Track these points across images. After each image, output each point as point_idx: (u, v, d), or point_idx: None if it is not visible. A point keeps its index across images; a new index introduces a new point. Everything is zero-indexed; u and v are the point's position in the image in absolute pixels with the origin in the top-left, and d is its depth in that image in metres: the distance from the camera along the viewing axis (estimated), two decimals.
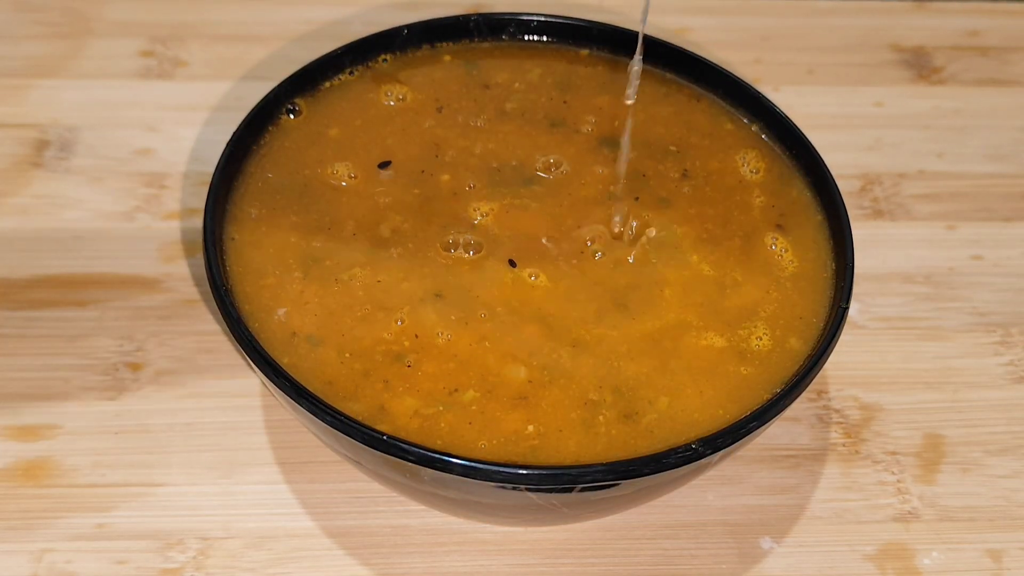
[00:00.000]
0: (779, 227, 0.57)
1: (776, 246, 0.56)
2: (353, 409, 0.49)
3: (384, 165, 0.59)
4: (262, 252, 0.54)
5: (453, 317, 0.52)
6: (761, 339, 0.52)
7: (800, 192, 0.58)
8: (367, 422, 0.47)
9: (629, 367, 0.51)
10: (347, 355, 0.51)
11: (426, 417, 0.49)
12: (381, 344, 0.51)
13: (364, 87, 0.62)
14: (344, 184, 0.57)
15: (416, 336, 0.51)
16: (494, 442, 0.49)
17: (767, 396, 0.50)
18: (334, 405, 0.47)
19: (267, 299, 0.53)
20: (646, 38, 0.63)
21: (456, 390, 0.50)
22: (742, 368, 0.51)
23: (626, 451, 0.49)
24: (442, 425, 0.49)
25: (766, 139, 0.61)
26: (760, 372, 0.51)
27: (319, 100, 0.61)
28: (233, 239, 0.55)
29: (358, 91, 0.61)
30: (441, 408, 0.49)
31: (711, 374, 0.51)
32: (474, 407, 0.50)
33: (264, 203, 0.56)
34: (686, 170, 0.59)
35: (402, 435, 0.47)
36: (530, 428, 0.49)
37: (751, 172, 0.59)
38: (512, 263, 0.54)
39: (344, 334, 0.52)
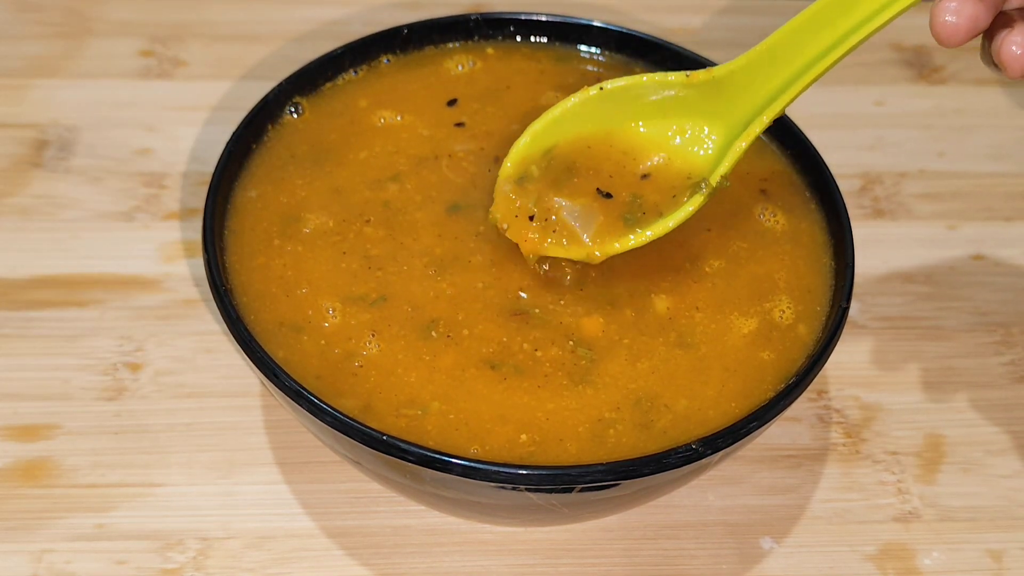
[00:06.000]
0: (777, 224, 0.57)
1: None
2: (345, 405, 0.49)
3: (452, 103, 0.60)
4: (257, 235, 0.55)
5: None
6: (781, 315, 0.53)
7: (800, 191, 0.58)
8: (359, 418, 0.47)
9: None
10: (322, 342, 0.51)
11: (411, 418, 0.49)
12: (344, 329, 0.52)
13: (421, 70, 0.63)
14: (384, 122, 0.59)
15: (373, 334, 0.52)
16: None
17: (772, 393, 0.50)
18: (330, 403, 0.47)
19: (258, 282, 0.53)
20: (642, 37, 0.63)
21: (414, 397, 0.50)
22: (764, 353, 0.52)
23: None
24: (429, 424, 0.49)
25: (765, 139, 0.60)
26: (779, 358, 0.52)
27: (324, 97, 0.61)
28: (234, 232, 0.55)
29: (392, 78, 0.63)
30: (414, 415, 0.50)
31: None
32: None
33: (268, 181, 0.57)
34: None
35: (391, 429, 0.47)
36: (525, 440, 0.49)
37: (747, 172, 0.59)
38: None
39: (314, 317, 0.52)
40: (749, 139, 0.51)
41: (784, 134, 0.60)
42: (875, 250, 0.69)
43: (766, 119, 0.50)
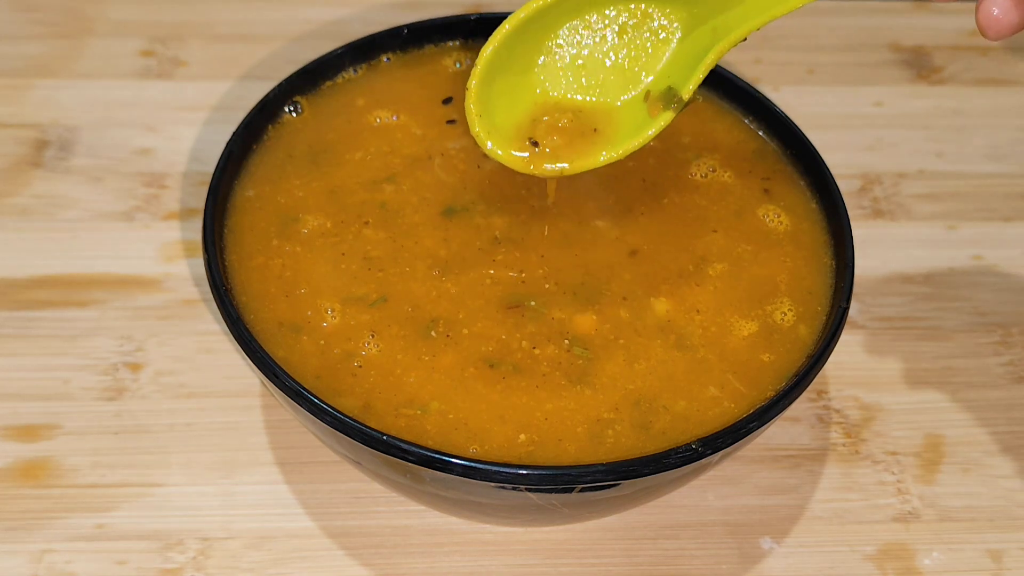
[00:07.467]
0: (780, 225, 0.57)
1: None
2: (344, 405, 0.49)
3: (447, 101, 0.60)
4: (256, 235, 0.55)
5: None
6: (782, 317, 0.53)
7: (800, 192, 0.58)
8: (359, 418, 0.47)
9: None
10: (321, 342, 0.51)
11: (410, 417, 0.49)
12: (344, 330, 0.52)
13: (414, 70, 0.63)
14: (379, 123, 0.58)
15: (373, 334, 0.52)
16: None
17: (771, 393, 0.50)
18: (329, 403, 0.47)
19: (257, 282, 0.53)
20: None
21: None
22: (764, 355, 0.52)
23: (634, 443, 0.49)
24: (428, 424, 0.49)
25: (765, 138, 0.60)
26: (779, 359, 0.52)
27: (323, 96, 0.61)
28: (233, 232, 0.55)
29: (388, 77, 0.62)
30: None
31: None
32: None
33: (267, 181, 0.57)
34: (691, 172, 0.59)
35: (390, 429, 0.47)
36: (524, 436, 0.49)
37: (749, 171, 0.59)
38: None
39: (313, 317, 0.52)
40: (721, 53, 0.46)
41: (784, 134, 0.60)
42: (875, 250, 0.69)
43: (742, 32, 0.45)
